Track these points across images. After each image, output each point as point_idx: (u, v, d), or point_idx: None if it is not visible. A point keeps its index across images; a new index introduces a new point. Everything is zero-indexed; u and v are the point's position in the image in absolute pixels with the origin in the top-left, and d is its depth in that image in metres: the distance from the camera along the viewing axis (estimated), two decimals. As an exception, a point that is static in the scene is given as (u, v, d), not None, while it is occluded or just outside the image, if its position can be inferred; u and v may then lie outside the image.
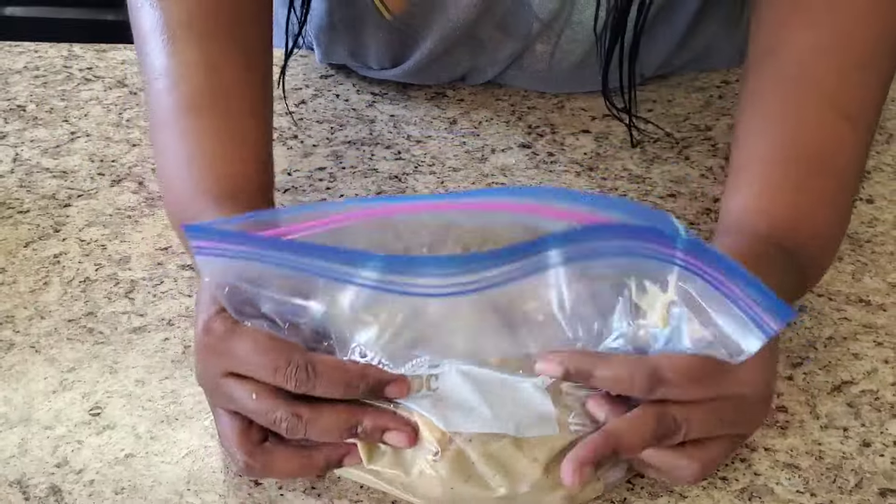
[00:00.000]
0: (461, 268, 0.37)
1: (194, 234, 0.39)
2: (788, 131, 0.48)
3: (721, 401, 0.39)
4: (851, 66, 0.49)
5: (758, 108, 0.50)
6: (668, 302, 0.38)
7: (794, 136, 0.48)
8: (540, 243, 0.37)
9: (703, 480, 0.41)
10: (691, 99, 0.71)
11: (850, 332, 0.50)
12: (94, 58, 0.74)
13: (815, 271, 0.48)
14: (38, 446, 0.43)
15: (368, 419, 0.38)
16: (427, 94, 0.70)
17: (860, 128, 0.48)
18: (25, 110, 0.67)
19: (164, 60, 0.51)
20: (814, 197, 0.47)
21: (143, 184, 0.60)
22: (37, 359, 0.47)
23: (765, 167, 0.48)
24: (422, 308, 0.38)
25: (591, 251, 0.38)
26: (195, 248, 0.39)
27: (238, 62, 0.52)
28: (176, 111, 0.50)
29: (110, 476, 0.41)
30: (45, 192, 0.59)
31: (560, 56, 0.65)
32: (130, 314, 0.50)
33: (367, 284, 0.38)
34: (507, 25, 0.64)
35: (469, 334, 0.39)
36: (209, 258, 0.39)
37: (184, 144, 0.49)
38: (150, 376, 0.46)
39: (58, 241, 0.55)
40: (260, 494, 0.41)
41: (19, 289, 0.52)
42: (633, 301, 0.39)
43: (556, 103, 0.70)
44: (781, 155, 0.48)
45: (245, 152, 0.49)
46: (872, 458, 0.43)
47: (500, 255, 0.37)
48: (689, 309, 0.38)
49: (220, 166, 0.48)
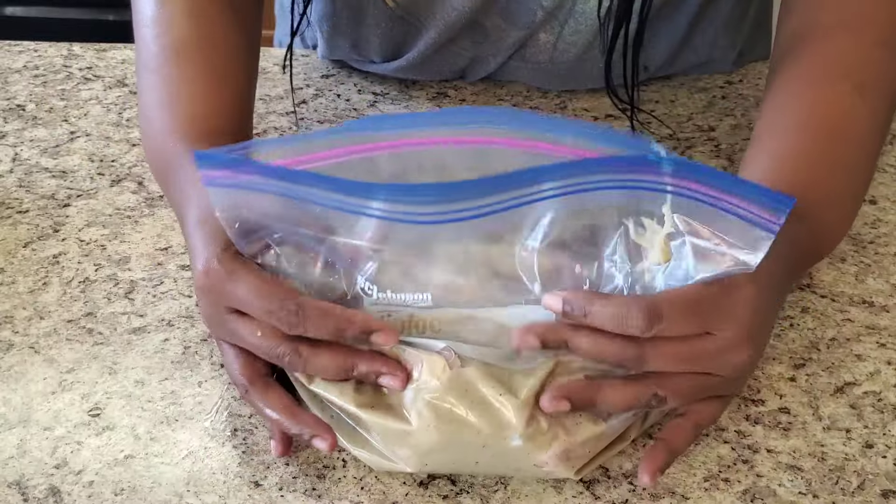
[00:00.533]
0: (460, 194, 0.38)
1: (205, 161, 0.39)
2: (806, 103, 0.50)
3: (705, 359, 0.39)
4: (871, 42, 0.50)
5: (781, 85, 0.51)
6: (665, 234, 0.39)
7: (812, 107, 0.49)
8: (533, 173, 0.38)
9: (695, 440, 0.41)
10: (694, 100, 0.70)
11: (854, 333, 0.50)
12: (94, 57, 0.74)
13: (829, 237, 0.49)
14: (37, 447, 0.43)
15: (364, 363, 0.39)
16: (429, 94, 0.70)
17: (878, 100, 0.50)
18: (25, 110, 0.67)
19: (154, 10, 0.53)
20: (829, 165, 0.48)
21: (142, 184, 0.60)
22: (36, 359, 0.47)
23: (782, 137, 0.49)
24: (428, 235, 0.39)
25: (583, 184, 0.38)
26: (205, 177, 0.39)
27: (225, 10, 0.53)
28: (161, 58, 0.51)
29: (110, 477, 0.41)
30: (45, 191, 0.59)
31: (563, 47, 0.65)
32: (130, 315, 0.50)
33: (375, 214, 0.39)
34: (510, 14, 0.64)
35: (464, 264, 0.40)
36: (220, 189, 0.39)
37: (165, 88, 0.50)
38: (149, 377, 0.46)
39: (57, 241, 0.55)
40: (260, 496, 0.41)
41: (18, 289, 0.51)
42: (633, 241, 0.40)
43: (559, 103, 0.69)
44: (799, 125, 0.49)
45: (225, 94, 0.51)
46: (875, 460, 0.43)
47: (497, 183, 0.38)
48: (689, 235, 0.38)
49: (199, 106, 0.49)
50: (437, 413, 0.39)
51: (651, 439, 0.43)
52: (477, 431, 0.39)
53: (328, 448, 0.40)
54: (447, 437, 0.39)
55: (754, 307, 0.39)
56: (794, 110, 0.50)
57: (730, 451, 0.43)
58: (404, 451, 0.39)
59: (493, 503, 0.40)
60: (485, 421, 0.39)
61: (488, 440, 0.39)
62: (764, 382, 0.47)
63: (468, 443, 0.39)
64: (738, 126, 0.67)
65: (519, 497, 0.41)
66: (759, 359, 0.43)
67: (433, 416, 0.39)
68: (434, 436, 0.39)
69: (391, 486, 0.41)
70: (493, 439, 0.39)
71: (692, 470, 0.42)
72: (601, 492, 0.41)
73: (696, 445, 0.43)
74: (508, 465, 0.40)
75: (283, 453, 0.41)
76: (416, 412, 0.39)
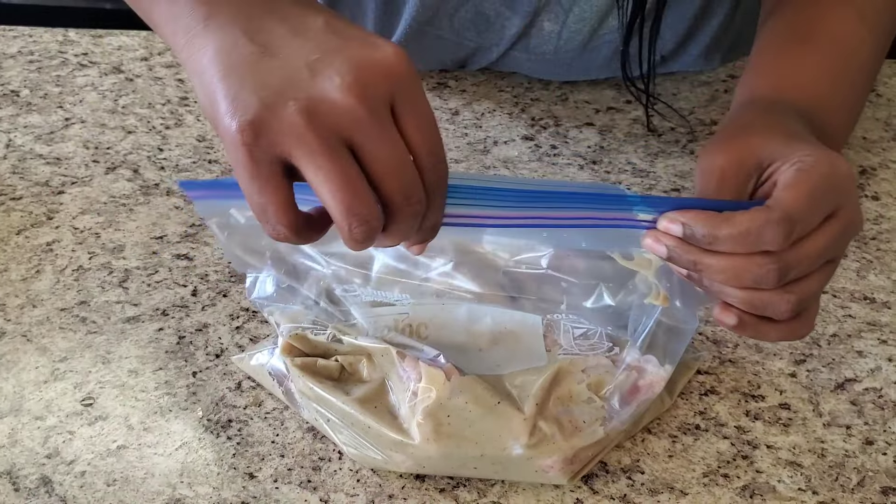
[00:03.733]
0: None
1: (187, 186, 0.37)
2: (809, 19, 0.50)
3: (840, 240, 0.38)
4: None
5: (780, 9, 0.51)
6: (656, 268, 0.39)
7: (815, 23, 0.49)
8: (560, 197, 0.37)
9: (795, 316, 0.38)
10: (696, 93, 0.70)
11: (855, 329, 0.50)
12: (90, 43, 0.73)
13: (832, 144, 0.48)
14: (28, 437, 0.42)
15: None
16: (429, 85, 0.69)
17: (876, 31, 0.50)
18: (19, 96, 0.66)
19: None
20: (832, 77, 0.48)
21: (138, 171, 0.59)
22: (28, 348, 0.47)
23: (785, 47, 0.49)
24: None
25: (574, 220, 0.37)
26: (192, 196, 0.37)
27: None
28: None
29: (102, 467, 0.41)
30: (38, 178, 0.58)
31: (568, 35, 0.64)
32: (124, 304, 0.49)
33: None
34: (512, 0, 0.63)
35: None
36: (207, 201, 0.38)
37: None
38: (143, 367, 0.46)
39: (51, 228, 0.54)
40: (254, 487, 0.40)
41: (11, 277, 0.51)
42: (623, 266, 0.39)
43: (560, 95, 0.69)
44: (802, 38, 0.49)
45: None
46: (875, 457, 0.43)
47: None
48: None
49: None
50: (436, 426, 0.38)
51: (649, 433, 0.43)
52: (475, 443, 0.39)
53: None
54: (446, 449, 0.39)
55: (853, 175, 0.39)
56: (797, 25, 0.50)
57: (729, 446, 0.43)
58: (401, 457, 0.39)
59: (491, 497, 0.40)
60: (484, 432, 0.38)
61: (487, 450, 0.39)
62: (764, 378, 0.46)
63: (466, 453, 0.39)
64: (740, 120, 0.67)
65: (516, 491, 0.40)
66: None
67: (432, 430, 0.38)
68: (433, 448, 0.39)
69: (387, 479, 0.41)
70: (493, 449, 0.39)
71: (691, 465, 0.42)
72: (599, 486, 0.41)
73: (696, 440, 0.43)
74: (508, 470, 0.40)
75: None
76: (416, 425, 0.39)
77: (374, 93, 0.32)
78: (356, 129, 0.32)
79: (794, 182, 0.37)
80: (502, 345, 0.41)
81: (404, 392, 0.39)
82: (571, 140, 0.64)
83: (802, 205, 0.36)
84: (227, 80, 0.33)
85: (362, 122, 0.32)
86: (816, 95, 0.46)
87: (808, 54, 0.48)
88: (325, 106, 0.32)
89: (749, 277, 0.36)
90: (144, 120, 0.64)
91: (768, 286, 0.37)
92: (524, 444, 0.38)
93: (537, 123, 0.66)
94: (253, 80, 0.33)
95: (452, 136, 0.64)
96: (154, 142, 0.62)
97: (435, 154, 0.33)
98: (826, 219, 0.37)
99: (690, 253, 0.36)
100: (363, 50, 0.33)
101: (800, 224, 0.36)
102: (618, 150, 0.63)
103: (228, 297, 0.50)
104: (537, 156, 0.62)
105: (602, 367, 0.40)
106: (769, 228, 0.35)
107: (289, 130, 0.32)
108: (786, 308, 0.37)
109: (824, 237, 0.37)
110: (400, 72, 0.33)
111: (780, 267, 0.36)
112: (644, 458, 0.42)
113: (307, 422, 0.43)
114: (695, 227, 0.36)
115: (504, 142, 0.64)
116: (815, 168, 0.37)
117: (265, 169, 0.32)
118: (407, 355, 0.39)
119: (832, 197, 0.37)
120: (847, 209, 0.38)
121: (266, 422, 0.43)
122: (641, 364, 0.41)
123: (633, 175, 0.61)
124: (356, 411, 0.39)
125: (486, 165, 0.61)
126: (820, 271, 0.38)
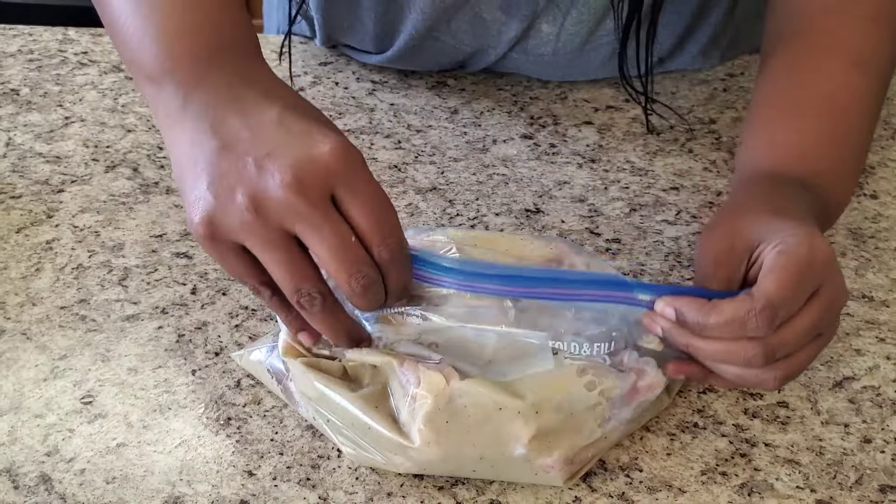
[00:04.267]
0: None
1: None
2: (803, 80, 0.50)
3: (823, 318, 0.39)
4: (862, 18, 0.51)
5: (772, 63, 0.52)
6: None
7: (810, 83, 0.50)
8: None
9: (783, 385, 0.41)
10: (695, 91, 0.70)
11: (853, 327, 0.50)
12: (90, 42, 0.73)
13: (836, 206, 0.49)
14: (28, 434, 0.42)
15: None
16: (428, 83, 0.69)
17: (871, 74, 0.50)
18: (19, 94, 0.66)
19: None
20: (830, 138, 0.49)
21: (137, 170, 0.59)
22: (28, 346, 0.47)
23: (777, 111, 0.50)
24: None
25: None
26: None
27: None
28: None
29: (101, 465, 0.41)
30: (38, 177, 0.58)
31: (566, 38, 0.64)
32: (123, 302, 0.50)
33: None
34: (510, 5, 0.63)
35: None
36: None
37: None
38: (143, 365, 0.46)
39: (50, 227, 0.54)
40: (253, 485, 0.40)
41: (10, 275, 0.51)
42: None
43: (559, 94, 0.69)
44: (798, 100, 0.50)
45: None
46: (873, 455, 0.43)
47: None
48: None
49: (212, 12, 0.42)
50: (436, 430, 0.38)
51: (648, 432, 0.43)
52: (475, 445, 0.39)
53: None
54: (446, 452, 0.39)
55: (832, 253, 0.40)
56: (792, 86, 0.50)
57: (727, 444, 0.43)
58: (400, 459, 0.39)
59: (489, 495, 0.40)
60: (485, 435, 0.38)
61: (487, 452, 0.39)
62: (762, 376, 0.46)
63: (467, 456, 0.39)
64: (739, 119, 0.67)
65: (515, 489, 0.40)
66: None
67: (432, 434, 0.38)
68: (433, 451, 0.39)
69: (386, 477, 0.41)
70: (493, 451, 0.39)
71: (689, 463, 0.42)
72: (598, 484, 0.41)
73: (694, 438, 0.43)
74: (507, 471, 0.40)
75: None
76: (416, 429, 0.39)
77: (312, 186, 0.36)
78: (296, 220, 0.37)
79: (775, 267, 0.39)
80: (510, 351, 0.40)
81: (404, 397, 0.39)
82: (570, 139, 0.64)
83: (784, 291, 0.38)
84: (192, 175, 0.38)
85: (301, 214, 0.36)
86: (816, 162, 0.47)
87: (805, 119, 0.49)
88: (268, 201, 0.36)
89: (737, 360, 0.39)
90: (144, 118, 0.64)
91: (756, 367, 0.39)
92: (525, 444, 0.38)
93: (536, 122, 0.66)
94: (210, 174, 0.37)
95: (451, 134, 0.64)
96: (154, 140, 0.62)
97: (380, 230, 0.37)
98: (810, 297, 0.39)
99: (683, 336, 0.40)
100: (304, 147, 0.37)
101: (782, 309, 0.38)
102: (616, 149, 0.63)
103: (228, 296, 0.50)
104: (536, 154, 0.63)
105: (602, 369, 0.40)
106: (752, 317, 0.38)
107: (239, 223, 0.37)
108: (773, 384, 0.40)
109: (809, 316, 0.39)
110: (337, 167, 0.37)
111: (766, 351, 0.38)
112: (642, 456, 0.42)
113: (306, 420, 0.43)
114: (686, 314, 0.39)
115: (503, 140, 0.64)
116: (795, 251, 0.39)
117: (229, 254, 0.38)
118: (406, 359, 0.39)
119: (813, 279, 0.39)
120: (829, 287, 0.39)
121: (265, 420, 0.43)
122: (641, 366, 0.41)
123: (632, 173, 0.61)
124: (358, 409, 0.39)
125: (485, 164, 0.61)
126: (808, 347, 0.40)
